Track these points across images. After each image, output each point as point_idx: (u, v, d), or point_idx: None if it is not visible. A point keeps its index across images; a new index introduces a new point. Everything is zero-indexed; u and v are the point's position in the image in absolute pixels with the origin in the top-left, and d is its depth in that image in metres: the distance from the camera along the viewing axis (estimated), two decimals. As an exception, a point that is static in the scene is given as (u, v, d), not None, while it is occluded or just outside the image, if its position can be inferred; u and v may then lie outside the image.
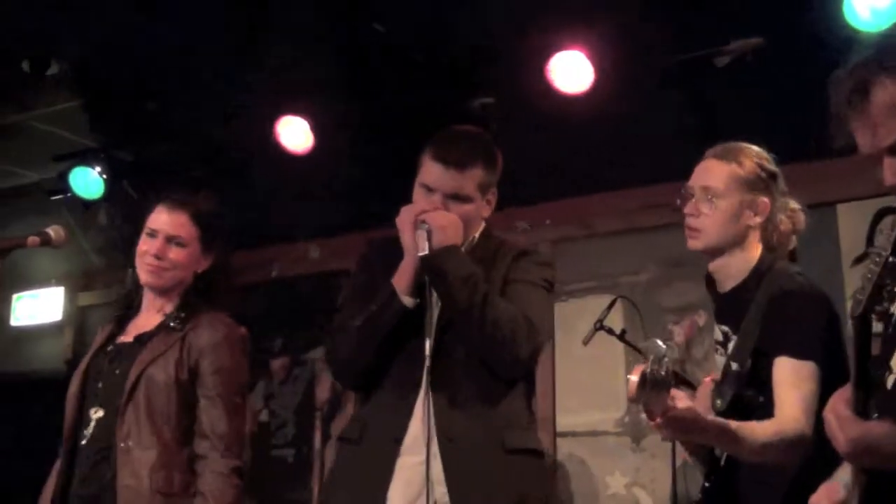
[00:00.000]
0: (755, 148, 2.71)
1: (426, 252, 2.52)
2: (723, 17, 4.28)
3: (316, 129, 5.08)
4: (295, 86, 4.90)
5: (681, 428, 2.26)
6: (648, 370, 2.09)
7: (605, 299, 4.65)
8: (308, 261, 6.22)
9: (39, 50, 4.71)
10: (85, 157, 5.72)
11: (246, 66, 4.75)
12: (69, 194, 5.77)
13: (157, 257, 2.97)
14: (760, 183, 2.63)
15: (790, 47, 4.24)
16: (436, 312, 2.59)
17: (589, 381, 5.27)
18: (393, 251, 2.66)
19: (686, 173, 2.79)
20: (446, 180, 2.62)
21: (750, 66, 4.34)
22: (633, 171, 5.08)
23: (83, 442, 2.87)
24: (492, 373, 2.58)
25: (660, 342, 2.11)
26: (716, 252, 2.64)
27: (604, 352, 4.89)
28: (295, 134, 5.13)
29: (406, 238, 2.59)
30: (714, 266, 2.66)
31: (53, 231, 2.95)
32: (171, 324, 2.95)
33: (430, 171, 2.64)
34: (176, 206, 3.03)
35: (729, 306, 2.65)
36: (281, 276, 6.35)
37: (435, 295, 2.60)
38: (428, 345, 2.52)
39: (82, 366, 3.01)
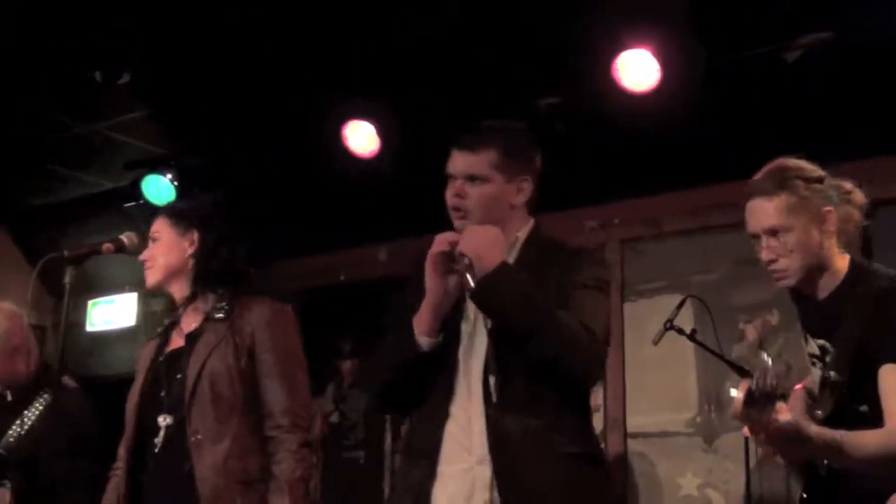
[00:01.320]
0: (790, 163, 2.66)
1: (472, 287, 2.41)
2: (792, 11, 4.21)
3: (382, 131, 5.10)
4: (361, 89, 4.93)
5: (785, 441, 2.21)
6: (755, 386, 2.03)
7: (675, 299, 4.61)
8: (376, 264, 6.25)
9: (111, 61, 4.78)
10: (156, 165, 5.81)
11: (310, 71, 4.79)
12: (141, 201, 5.86)
13: (145, 260, 3.09)
14: (816, 197, 2.58)
15: (860, 41, 4.17)
16: (479, 322, 2.56)
17: (659, 382, 5.23)
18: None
19: (756, 170, 2.75)
20: (459, 163, 2.62)
21: (820, 61, 4.27)
22: (703, 169, 5.03)
23: (155, 450, 2.89)
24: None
25: (765, 355, 2.07)
26: (807, 278, 2.59)
27: (674, 352, 4.86)
28: (362, 137, 5.15)
29: (428, 279, 2.52)
30: (802, 284, 2.61)
31: (127, 238, 3.01)
32: (217, 315, 2.98)
33: (450, 159, 2.66)
34: (158, 213, 3.15)
35: (823, 316, 2.59)
36: (349, 279, 6.39)
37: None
38: (482, 358, 2.50)
39: (138, 381, 3.05)
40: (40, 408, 3.79)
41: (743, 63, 4.42)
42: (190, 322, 3.06)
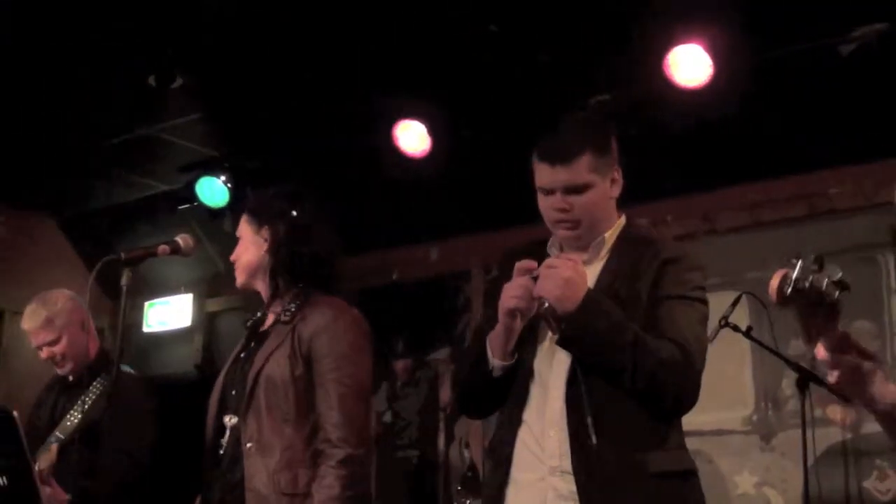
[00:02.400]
0: None
1: (557, 336, 2.37)
2: (846, 2, 4.15)
3: (433, 131, 5.11)
4: (411, 89, 4.94)
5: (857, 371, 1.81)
6: (795, 274, 1.70)
7: (730, 296, 4.56)
8: (428, 263, 6.27)
9: (164, 65, 4.83)
10: (210, 167, 5.87)
11: (361, 72, 4.81)
12: (196, 203, 5.92)
13: (234, 261, 3.07)
14: None
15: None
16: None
17: (714, 379, 5.10)
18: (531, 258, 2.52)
19: (811, 165, 2.71)
20: (557, 177, 2.49)
21: (875, 53, 4.21)
22: (756, 165, 4.98)
23: (221, 451, 2.89)
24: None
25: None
26: None
27: (729, 349, 4.81)
28: (413, 137, 5.17)
29: (500, 317, 2.44)
30: None
31: (182, 240, 3.03)
32: (283, 318, 2.93)
33: (541, 173, 2.53)
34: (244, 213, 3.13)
35: None
36: (402, 278, 6.41)
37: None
38: (557, 376, 2.46)
39: (220, 377, 3.04)
40: (98, 392, 3.86)
41: (796, 56, 4.37)
42: (267, 321, 3.04)
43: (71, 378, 3.94)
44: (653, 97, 4.49)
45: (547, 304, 2.35)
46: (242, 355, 3.02)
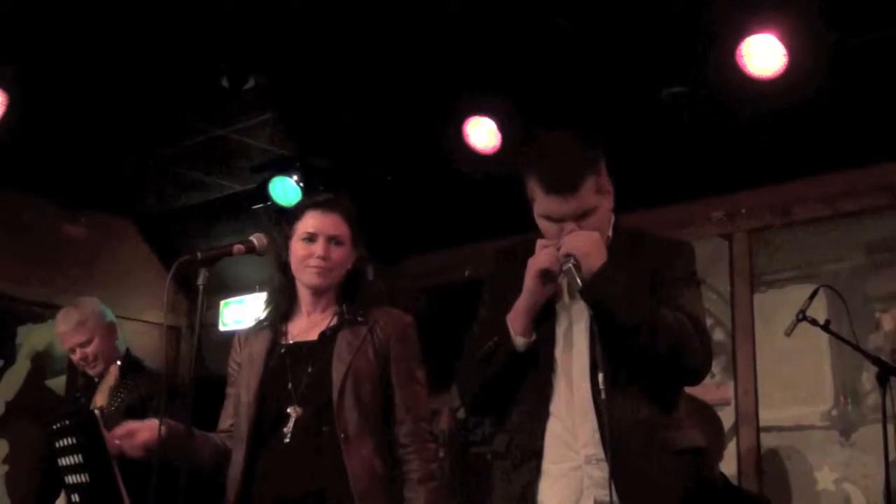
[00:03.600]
0: None
1: (580, 286, 2.45)
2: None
3: (502, 127, 5.10)
4: (481, 86, 4.94)
5: None
6: None
7: (807, 289, 4.50)
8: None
9: (236, 66, 4.88)
10: (282, 167, 5.92)
11: (431, 69, 4.82)
12: (269, 203, 5.98)
13: (324, 258, 3.04)
14: None
15: None
16: (581, 323, 2.56)
17: (792, 374, 5.11)
18: (524, 260, 2.61)
19: (893, 155, 2.67)
20: (569, 208, 2.54)
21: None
22: (832, 155, 4.90)
23: (285, 440, 2.92)
24: (659, 379, 2.52)
25: None
26: None
27: (807, 343, 4.75)
28: (482, 134, 5.16)
29: (531, 284, 2.53)
30: None
31: (257, 239, 3.05)
32: (358, 318, 3.04)
33: (548, 204, 2.57)
34: (327, 207, 3.10)
35: None
36: (474, 275, 6.41)
37: (567, 298, 2.59)
38: (583, 368, 2.52)
39: (254, 371, 3.07)
40: (128, 390, 3.97)
41: (872, 45, 4.28)
42: (314, 319, 3.10)
43: (97, 380, 4.06)
44: (727, 88, 4.43)
45: (572, 263, 2.44)
46: (283, 350, 3.07)
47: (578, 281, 2.43)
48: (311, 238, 3.06)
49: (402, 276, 6.41)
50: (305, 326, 3.10)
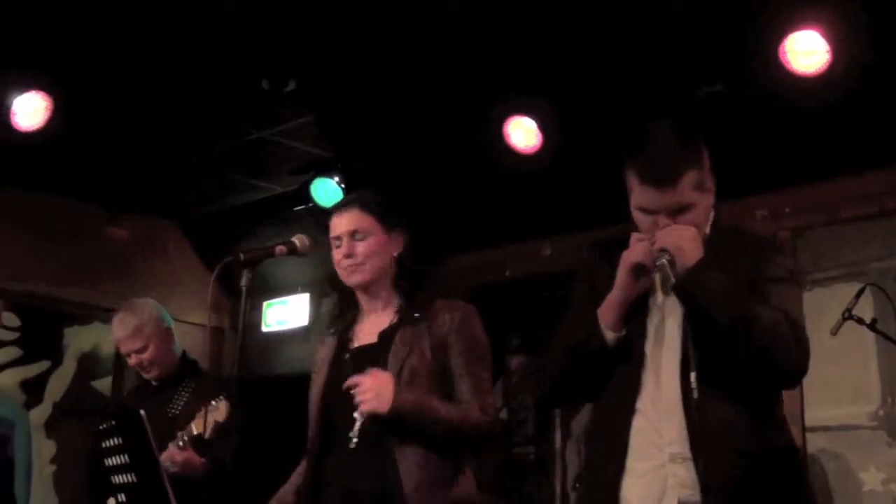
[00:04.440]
0: None
1: (673, 282, 2.42)
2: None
3: (543, 127, 5.09)
4: (521, 85, 4.93)
5: None
6: None
7: (852, 287, 4.46)
8: (541, 259, 6.25)
9: (277, 69, 4.91)
10: (324, 168, 5.94)
11: (471, 69, 4.82)
12: (311, 204, 6.00)
13: (349, 255, 3.05)
14: None
15: None
16: (673, 319, 2.53)
17: (839, 374, 5.06)
18: (617, 253, 2.57)
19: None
20: (665, 201, 2.50)
21: None
22: (877, 152, 4.84)
23: (352, 445, 2.93)
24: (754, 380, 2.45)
25: None
26: None
27: (853, 342, 4.70)
28: (523, 133, 5.16)
29: (623, 277, 2.50)
30: None
31: (298, 240, 3.07)
32: (414, 314, 3.01)
33: (644, 196, 2.53)
34: (343, 207, 3.13)
35: None
36: (514, 275, 6.41)
37: (661, 296, 2.55)
38: (672, 364, 2.48)
39: (321, 377, 3.11)
40: (186, 395, 3.99)
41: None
42: (377, 318, 3.10)
43: (155, 383, 4.09)
44: (769, 86, 4.39)
45: (665, 259, 2.41)
46: (347, 356, 3.09)
47: (672, 277, 2.41)
48: (337, 241, 3.09)
49: (440, 276, 6.42)
50: (368, 328, 3.11)
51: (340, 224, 3.09)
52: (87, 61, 4.75)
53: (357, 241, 3.05)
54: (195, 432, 3.62)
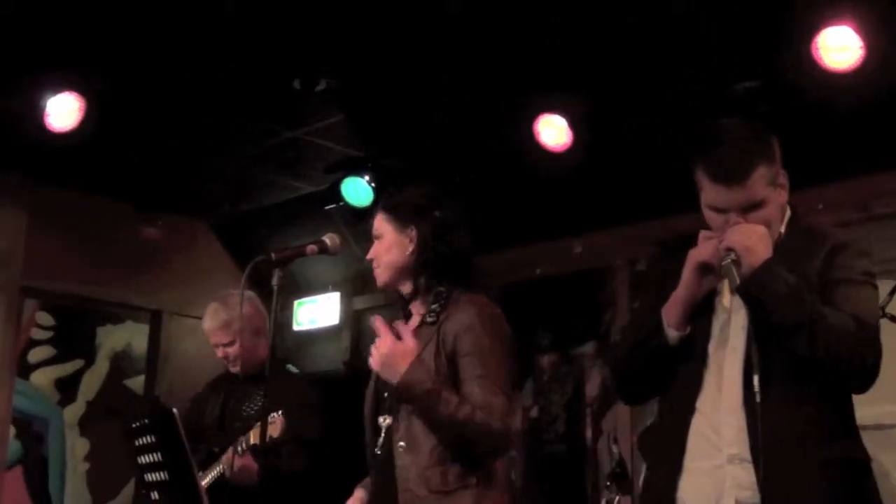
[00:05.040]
0: None
1: (738, 283, 2.37)
2: None
3: (573, 125, 5.08)
4: (551, 83, 4.92)
5: None
6: None
7: (887, 285, 4.40)
8: (572, 257, 6.23)
9: (308, 69, 4.92)
10: (354, 167, 5.96)
11: (501, 68, 4.81)
12: (341, 203, 6.02)
13: (371, 260, 3.06)
14: None
15: None
16: (739, 320, 2.48)
17: (873, 372, 5.00)
18: (685, 252, 2.53)
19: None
20: (734, 198, 2.45)
21: None
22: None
23: (377, 451, 2.94)
24: (819, 383, 2.41)
25: None
26: None
27: (888, 340, 4.59)
28: (554, 131, 5.14)
29: (689, 276, 2.46)
30: None
31: (329, 239, 3.07)
32: (429, 318, 2.96)
33: (714, 194, 2.48)
34: (377, 209, 3.13)
35: None
36: (546, 273, 6.39)
37: (730, 300, 2.50)
38: (735, 365, 2.45)
39: (373, 378, 3.07)
40: (262, 397, 4.01)
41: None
42: (412, 322, 3.06)
43: (241, 377, 4.12)
44: (802, 82, 4.35)
45: (731, 259, 2.37)
46: None
47: (736, 277, 2.36)
48: (376, 237, 3.10)
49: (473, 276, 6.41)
50: (407, 330, 3.05)
51: (372, 228, 3.11)
52: (119, 62, 4.78)
53: (376, 245, 3.06)
54: (252, 441, 3.66)
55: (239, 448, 3.71)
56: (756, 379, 2.33)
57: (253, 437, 3.66)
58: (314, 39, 4.66)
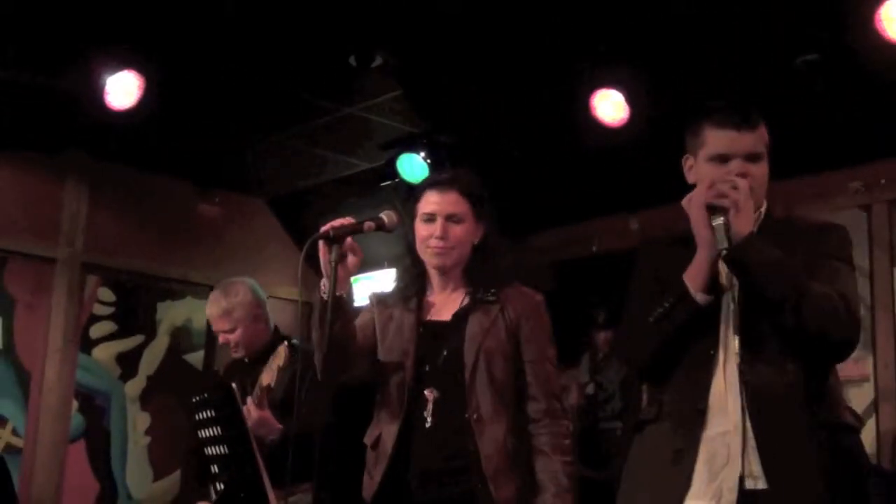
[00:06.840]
0: None
1: (726, 246, 2.37)
2: None
3: (630, 100, 5.03)
4: (606, 58, 4.88)
5: None
6: None
7: None
8: (628, 233, 6.20)
9: (364, 45, 4.93)
10: (410, 144, 5.96)
11: (557, 42, 4.78)
12: (397, 180, 6.03)
13: (442, 238, 3.04)
14: None
15: None
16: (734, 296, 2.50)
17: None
18: (680, 245, 2.56)
19: None
20: (742, 143, 2.50)
21: None
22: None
23: (427, 424, 2.94)
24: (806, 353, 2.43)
25: None
26: None
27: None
28: (610, 106, 5.11)
29: (700, 229, 2.46)
30: None
31: (386, 216, 3.07)
32: (488, 298, 3.03)
33: (722, 139, 2.52)
34: (445, 186, 3.10)
35: None
36: (602, 249, 6.36)
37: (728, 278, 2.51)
38: (734, 337, 2.46)
39: (403, 350, 3.07)
40: (275, 367, 4.07)
41: None
42: (447, 298, 3.10)
43: (247, 360, 4.21)
44: (865, 54, 4.28)
45: (721, 221, 2.38)
46: (421, 329, 3.07)
47: (724, 241, 2.37)
48: (430, 218, 3.08)
49: (530, 252, 6.40)
50: (438, 306, 3.11)
51: (439, 202, 3.08)
52: (178, 40, 4.82)
53: (453, 225, 3.06)
54: (265, 383, 3.72)
55: (255, 398, 3.76)
56: (737, 341, 2.42)
57: (265, 378, 3.74)
58: (370, 15, 4.66)
